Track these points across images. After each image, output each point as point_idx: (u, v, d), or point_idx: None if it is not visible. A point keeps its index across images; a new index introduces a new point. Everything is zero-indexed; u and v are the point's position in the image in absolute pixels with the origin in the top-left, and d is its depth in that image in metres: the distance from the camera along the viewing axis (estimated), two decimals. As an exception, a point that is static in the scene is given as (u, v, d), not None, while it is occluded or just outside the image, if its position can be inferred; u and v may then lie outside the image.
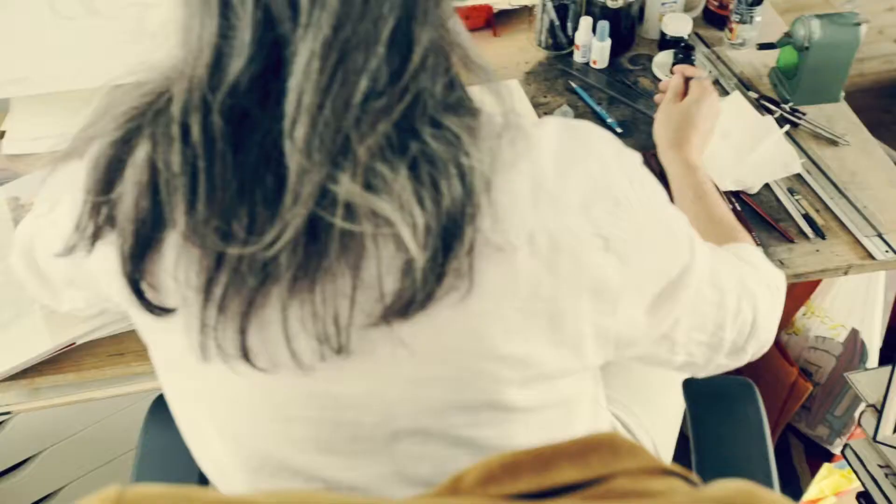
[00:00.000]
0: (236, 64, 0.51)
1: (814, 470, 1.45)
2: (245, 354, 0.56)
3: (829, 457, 1.39)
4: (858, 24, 1.20)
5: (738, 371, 1.45)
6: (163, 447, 0.87)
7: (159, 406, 0.97)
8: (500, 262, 0.54)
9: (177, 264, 0.56)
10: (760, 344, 0.77)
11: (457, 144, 0.52)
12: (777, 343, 1.33)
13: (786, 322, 1.32)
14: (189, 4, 0.54)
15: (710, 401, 0.91)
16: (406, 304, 0.53)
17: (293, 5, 0.50)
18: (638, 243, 0.59)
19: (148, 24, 1.21)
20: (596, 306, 0.59)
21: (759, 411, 0.90)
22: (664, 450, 1.01)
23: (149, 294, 0.58)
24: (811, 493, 1.52)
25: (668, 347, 0.69)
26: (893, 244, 1.07)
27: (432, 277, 0.52)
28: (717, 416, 0.79)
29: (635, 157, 0.63)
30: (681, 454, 0.98)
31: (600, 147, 0.60)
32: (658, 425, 0.99)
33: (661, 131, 1.08)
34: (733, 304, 0.71)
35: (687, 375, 0.79)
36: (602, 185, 0.58)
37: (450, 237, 0.52)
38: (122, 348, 0.98)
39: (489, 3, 1.46)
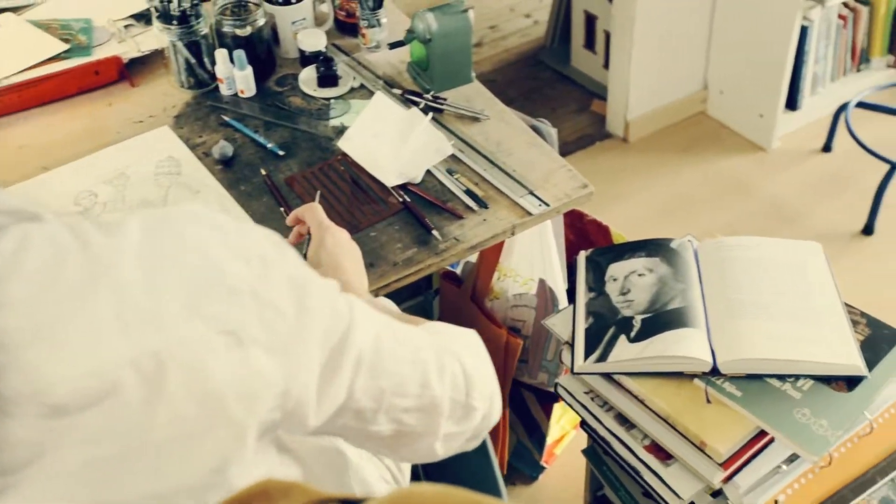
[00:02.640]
0: None
1: (550, 413, 1.58)
2: None
3: (557, 398, 1.52)
4: (466, 11, 1.31)
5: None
6: None
7: None
8: (99, 405, 0.47)
9: None
10: (486, 397, 0.73)
11: None
12: (483, 311, 1.42)
13: (486, 291, 1.42)
14: None
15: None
16: None
17: None
18: (280, 323, 0.54)
19: None
20: (245, 407, 0.52)
21: None
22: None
23: None
24: (554, 433, 1.65)
25: (354, 417, 0.62)
26: (544, 198, 1.19)
27: None
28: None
29: (252, 232, 0.56)
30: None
31: (198, 236, 0.53)
32: None
33: None
34: (432, 358, 0.67)
35: (439, 455, 0.71)
36: (210, 279, 0.51)
37: None
38: None
39: (117, 54, 1.38)
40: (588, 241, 1.63)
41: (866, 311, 1.12)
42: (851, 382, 1.01)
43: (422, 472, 0.93)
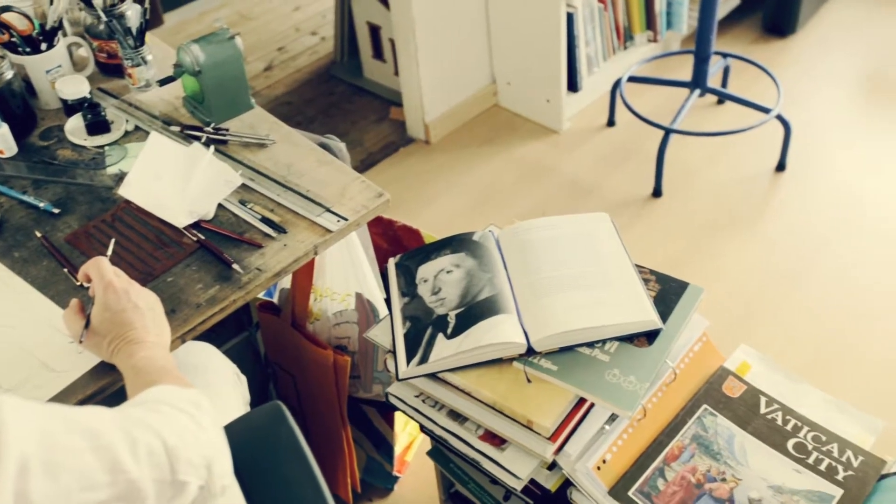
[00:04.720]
0: None
1: (393, 423, 1.58)
2: None
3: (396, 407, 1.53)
4: (233, 38, 1.28)
5: (285, 374, 1.50)
6: None
7: None
8: None
9: None
10: (200, 466, 0.70)
11: None
12: (306, 335, 1.39)
13: (305, 314, 1.40)
14: None
15: (246, 437, 0.89)
16: None
17: None
18: None
19: None
20: None
21: (291, 429, 0.92)
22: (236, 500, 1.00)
23: None
24: (403, 441, 1.66)
25: None
26: (341, 213, 1.19)
27: None
28: (256, 450, 0.75)
29: None
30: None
31: None
32: None
33: (102, 336, 0.94)
34: (119, 439, 0.65)
35: None
36: None
37: None
38: None
39: None
40: (402, 246, 1.65)
41: (661, 268, 1.21)
42: (650, 336, 1.08)
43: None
